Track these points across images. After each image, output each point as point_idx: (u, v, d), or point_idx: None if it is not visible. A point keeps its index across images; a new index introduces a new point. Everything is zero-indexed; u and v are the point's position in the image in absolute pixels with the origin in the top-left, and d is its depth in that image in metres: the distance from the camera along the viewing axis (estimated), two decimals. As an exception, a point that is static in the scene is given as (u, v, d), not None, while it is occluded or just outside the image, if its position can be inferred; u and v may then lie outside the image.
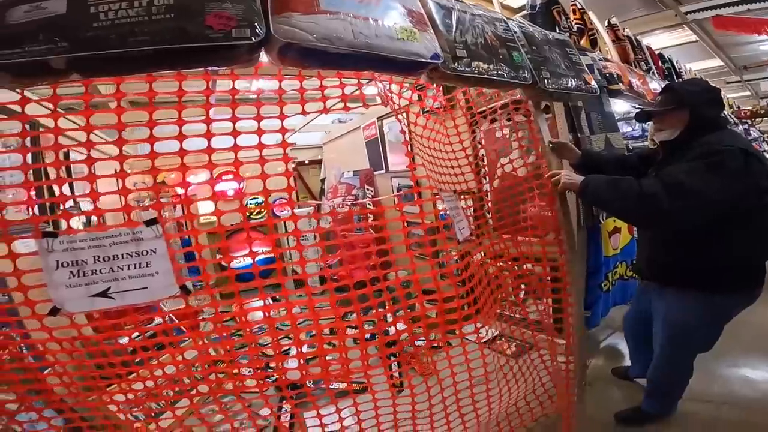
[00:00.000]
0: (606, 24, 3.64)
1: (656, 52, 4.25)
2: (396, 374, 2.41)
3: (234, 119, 1.22)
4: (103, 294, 1.03)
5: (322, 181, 4.46)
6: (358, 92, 1.48)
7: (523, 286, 2.24)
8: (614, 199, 1.54)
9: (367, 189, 3.81)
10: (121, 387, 1.60)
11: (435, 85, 1.93)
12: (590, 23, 3.26)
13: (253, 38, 0.90)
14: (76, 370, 1.44)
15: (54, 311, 1.03)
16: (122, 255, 1.04)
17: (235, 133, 1.22)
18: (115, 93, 1.10)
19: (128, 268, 1.05)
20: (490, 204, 2.54)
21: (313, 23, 1.00)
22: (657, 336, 1.88)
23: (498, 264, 2.08)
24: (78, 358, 1.40)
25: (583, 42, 3.15)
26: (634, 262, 2.29)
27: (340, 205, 2.44)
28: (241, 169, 1.26)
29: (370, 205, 3.51)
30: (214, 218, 1.30)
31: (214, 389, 1.67)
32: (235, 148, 1.22)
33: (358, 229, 2.66)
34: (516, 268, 2.16)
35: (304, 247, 1.45)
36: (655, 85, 3.44)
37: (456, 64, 1.34)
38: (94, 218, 2.31)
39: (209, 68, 1.06)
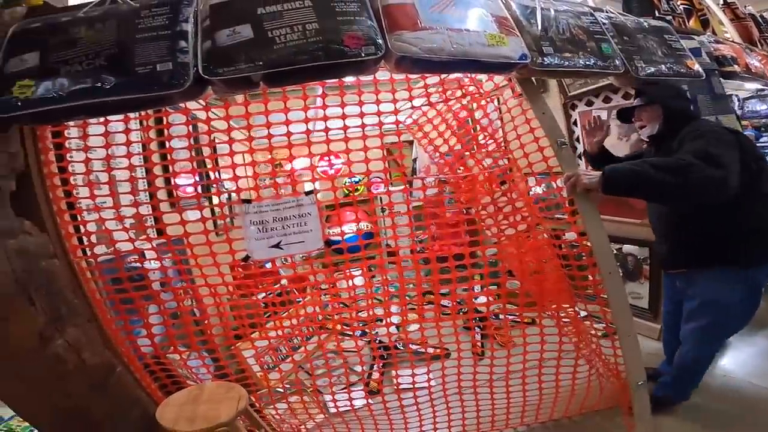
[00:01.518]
0: (721, 2, 3.39)
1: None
2: (479, 344, 2.59)
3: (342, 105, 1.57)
4: (277, 246, 1.46)
5: (414, 160, 4.68)
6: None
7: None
8: (663, 178, 1.45)
9: (459, 169, 4.02)
10: (260, 334, 2.07)
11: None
12: (699, 3, 3.09)
13: (378, 53, 1.20)
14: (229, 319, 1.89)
15: (246, 258, 1.49)
16: (290, 216, 1.47)
17: (343, 117, 1.56)
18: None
19: (293, 227, 1.47)
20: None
21: (419, 38, 1.28)
22: (691, 322, 1.84)
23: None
24: (234, 309, 1.86)
25: (692, 23, 2.97)
26: (657, 258, 2.14)
27: (432, 185, 2.72)
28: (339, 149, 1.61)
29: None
30: (321, 194, 1.65)
31: (321, 341, 2.04)
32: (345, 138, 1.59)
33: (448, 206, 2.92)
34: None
35: (397, 223, 1.77)
36: None
37: (542, 60, 1.51)
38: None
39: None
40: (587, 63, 1.62)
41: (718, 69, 2.60)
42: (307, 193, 1.50)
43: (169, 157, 1.61)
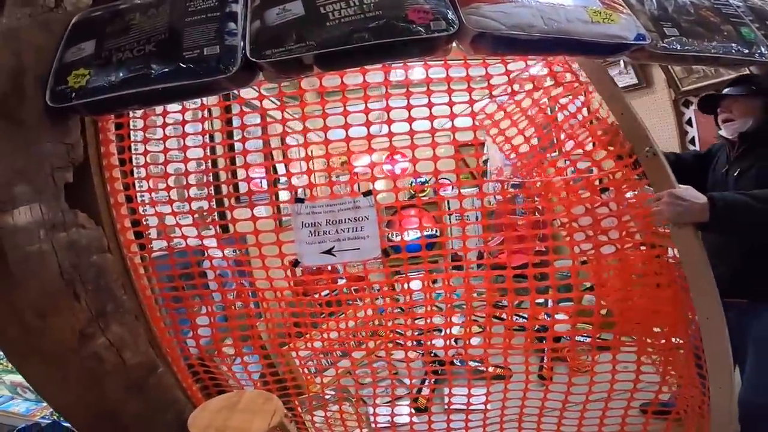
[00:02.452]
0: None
1: None
2: (545, 366, 2.33)
3: (409, 107, 1.39)
4: (329, 252, 1.32)
5: (485, 162, 4.43)
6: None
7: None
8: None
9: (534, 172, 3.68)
10: (312, 336, 1.98)
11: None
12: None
13: (450, 29, 0.99)
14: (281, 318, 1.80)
15: (296, 263, 1.36)
16: (345, 219, 1.32)
17: (410, 120, 1.39)
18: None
19: (348, 231, 1.32)
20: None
21: (501, 12, 1.05)
22: (756, 357, 1.50)
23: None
24: (284, 307, 1.77)
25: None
26: None
27: (504, 187, 2.47)
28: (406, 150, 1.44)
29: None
30: (383, 195, 1.49)
31: (369, 354, 1.91)
32: (411, 132, 1.40)
33: (520, 211, 2.65)
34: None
35: (466, 225, 1.56)
36: None
37: (666, 43, 1.22)
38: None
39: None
40: (726, 48, 1.30)
41: None
42: (365, 194, 1.32)
43: (242, 148, 1.51)
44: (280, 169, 2.47)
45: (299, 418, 1.92)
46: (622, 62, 2.79)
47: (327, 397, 2.11)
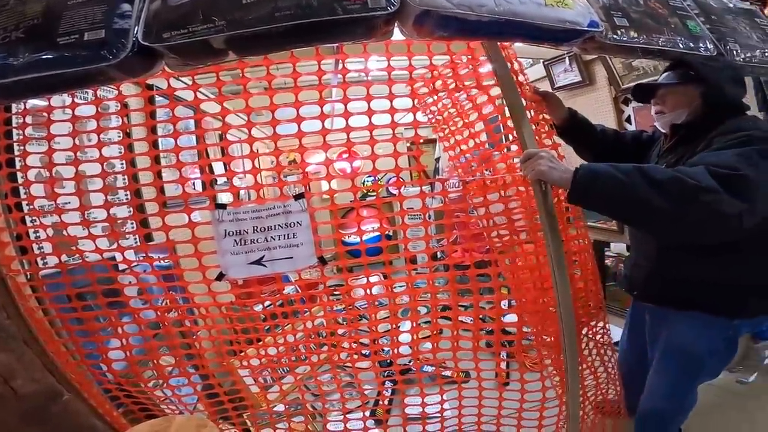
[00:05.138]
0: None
1: None
2: (504, 366, 2.31)
3: (345, 100, 1.28)
4: (258, 262, 1.16)
5: (437, 160, 4.40)
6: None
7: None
8: (656, 200, 1.03)
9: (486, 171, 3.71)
10: (258, 352, 1.82)
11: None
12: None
13: (389, 8, 0.87)
14: (225, 334, 1.63)
15: (220, 276, 1.20)
16: (275, 226, 1.17)
17: (346, 115, 1.28)
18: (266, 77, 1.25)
19: (279, 239, 1.17)
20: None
21: None
22: (656, 365, 1.51)
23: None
24: (229, 322, 1.60)
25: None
26: (625, 274, 1.69)
27: (455, 186, 2.41)
28: (359, 148, 1.33)
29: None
30: (337, 195, 1.38)
31: (331, 358, 1.80)
32: (347, 128, 1.29)
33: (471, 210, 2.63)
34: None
35: (411, 226, 1.47)
36: None
37: (616, 34, 1.17)
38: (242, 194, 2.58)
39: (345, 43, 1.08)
40: (673, 42, 1.26)
41: None
42: (297, 197, 1.17)
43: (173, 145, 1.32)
44: (219, 168, 2.26)
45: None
46: (567, 60, 2.84)
47: (278, 412, 1.95)
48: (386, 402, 2.18)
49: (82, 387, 1.35)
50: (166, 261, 1.39)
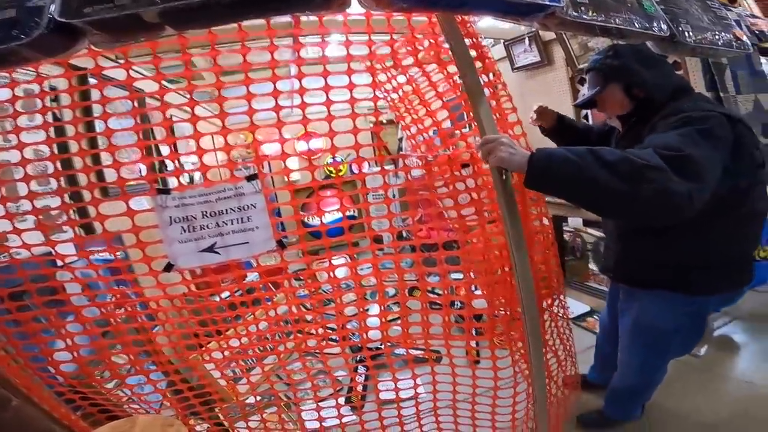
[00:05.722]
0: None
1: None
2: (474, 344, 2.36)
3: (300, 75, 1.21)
4: (210, 249, 1.08)
5: (400, 140, 4.40)
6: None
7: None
8: (607, 181, 1.01)
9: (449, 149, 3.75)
10: (219, 344, 1.74)
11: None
12: (727, -24, 2.78)
13: None
14: (182, 327, 1.56)
15: (168, 267, 1.11)
16: (226, 210, 1.09)
17: (302, 91, 1.22)
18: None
19: (231, 223, 1.09)
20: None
21: None
22: (625, 341, 1.61)
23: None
24: (184, 315, 1.52)
25: (724, -1, 2.73)
26: (603, 259, 1.76)
27: (415, 163, 2.40)
28: (317, 127, 1.28)
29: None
30: (297, 176, 1.33)
31: (299, 346, 1.75)
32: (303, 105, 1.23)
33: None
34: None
35: (373, 203, 1.43)
36: None
37: (577, 11, 1.15)
38: (196, 177, 2.42)
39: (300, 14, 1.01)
40: (629, 21, 1.26)
41: (758, 44, 2.38)
42: (249, 179, 1.10)
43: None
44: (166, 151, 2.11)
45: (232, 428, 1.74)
46: (526, 40, 2.85)
47: (250, 404, 1.91)
48: (360, 388, 2.17)
49: (31, 392, 1.25)
50: (107, 254, 1.28)
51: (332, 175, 4.58)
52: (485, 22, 2.54)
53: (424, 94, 1.63)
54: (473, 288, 1.59)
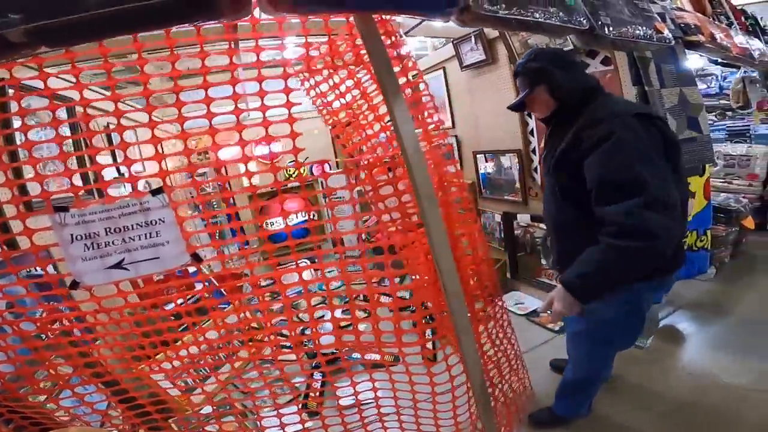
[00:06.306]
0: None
1: (737, 7, 3.73)
2: (430, 345, 2.34)
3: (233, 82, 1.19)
4: (118, 266, 1.05)
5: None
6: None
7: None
8: (618, 269, 1.21)
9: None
10: (167, 355, 1.70)
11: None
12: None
13: None
14: (126, 340, 1.52)
15: (74, 285, 1.07)
16: (132, 226, 1.05)
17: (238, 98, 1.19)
18: (138, 60, 1.11)
19: (139, 239, 1.06)
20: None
21: None
22: (572, 334, 1.68)
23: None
24: (126, 328, 1.47)
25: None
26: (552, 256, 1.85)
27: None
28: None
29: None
30: (255, 181, 1.30)
31: (254, 355, 1.73)
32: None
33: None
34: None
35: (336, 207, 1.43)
36: (741, 39, 2.97)
37: (494, 6, 1.18)
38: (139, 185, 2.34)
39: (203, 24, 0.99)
40: (548, 14, 1.30)
41: (682, 37, 2.41)
42: (154, 192, 1.07)
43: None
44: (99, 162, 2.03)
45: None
46: (472, 38, 2.86)
47: (206, 415, 1.88)
48: (318, 394, 2.16)
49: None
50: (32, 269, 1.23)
51: (292, 177, 4.54)
52: (437, 22, 2.54)
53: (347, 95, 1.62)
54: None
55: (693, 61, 4.34)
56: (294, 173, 4.42)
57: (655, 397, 1.96)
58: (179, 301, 1.92)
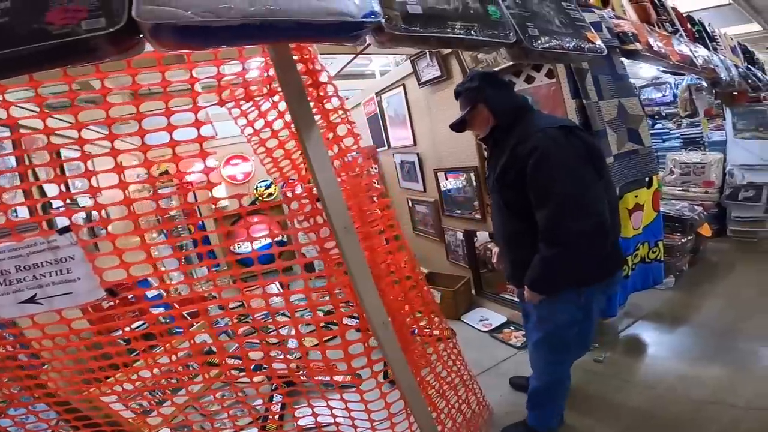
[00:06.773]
0: (620, -18, 3.24)
1: (684, 14, 3.82)
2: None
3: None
4: (31, 300, 1.07)
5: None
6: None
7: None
8: (559, 261, 1.38)
9: (372, 167, 3.79)
10: (117, 379, 1.69)
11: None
12: (599, -21, 2.91)
13: (111, 27, 0.79)
14: (74, 364, 1.48)
15: (-1, 314, 1.08)
16: (42, 263, 1.07)
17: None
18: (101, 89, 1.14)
19: (50, 275, 1.07)
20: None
21: None
22: (530, 342, 1.72)
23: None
24: (74, 353, 1.45)
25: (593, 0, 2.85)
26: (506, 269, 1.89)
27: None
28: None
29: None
30: (226, 203, 1.31)
31: (210, 378, 1.72)
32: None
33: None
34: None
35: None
36: (684, 47, 3.00)
37: (409, 24, 1.15)
38: (94, 214, 2.33)
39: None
40: (468, 30, 1.27)
41: (620, 47, 2.40)
42: (61, 231, 1.07)
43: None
44: (52, 190, 2.05)
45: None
46: (428, 55, 2.93)
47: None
48: (276, 418, 2.15)
49: None
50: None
51: (260, 199, 4.60)
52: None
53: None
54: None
55: (646, 69, 4.45)
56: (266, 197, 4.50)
57: (616, 411, 1.95)
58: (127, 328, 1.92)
